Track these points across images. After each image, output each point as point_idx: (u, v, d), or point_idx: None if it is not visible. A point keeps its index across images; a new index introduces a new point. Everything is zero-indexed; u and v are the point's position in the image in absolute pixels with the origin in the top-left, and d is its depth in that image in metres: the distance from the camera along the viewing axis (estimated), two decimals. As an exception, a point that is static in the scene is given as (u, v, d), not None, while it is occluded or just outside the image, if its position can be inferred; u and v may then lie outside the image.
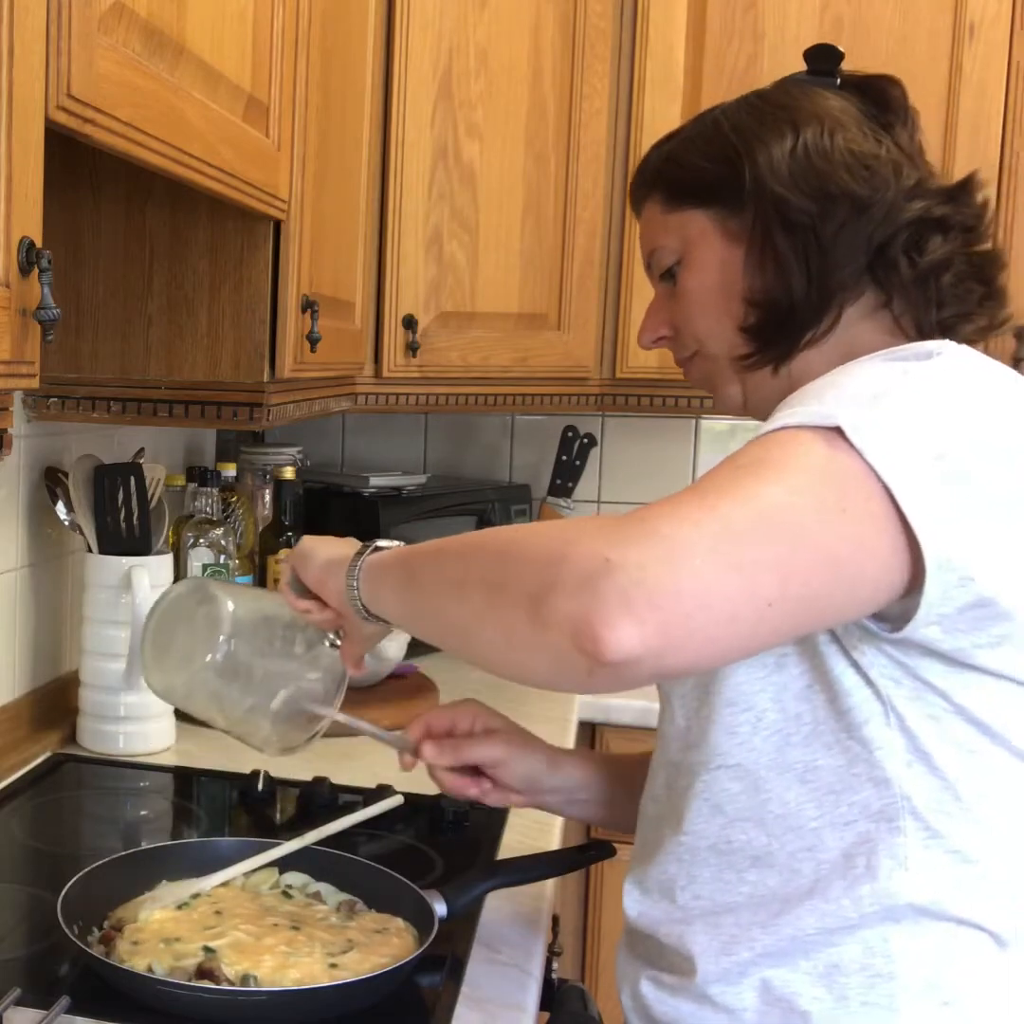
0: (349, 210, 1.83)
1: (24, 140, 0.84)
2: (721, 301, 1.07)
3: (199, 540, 1.90)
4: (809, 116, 1.05)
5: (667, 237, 1.11)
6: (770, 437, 0.85)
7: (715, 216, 1.08)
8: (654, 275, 1.15)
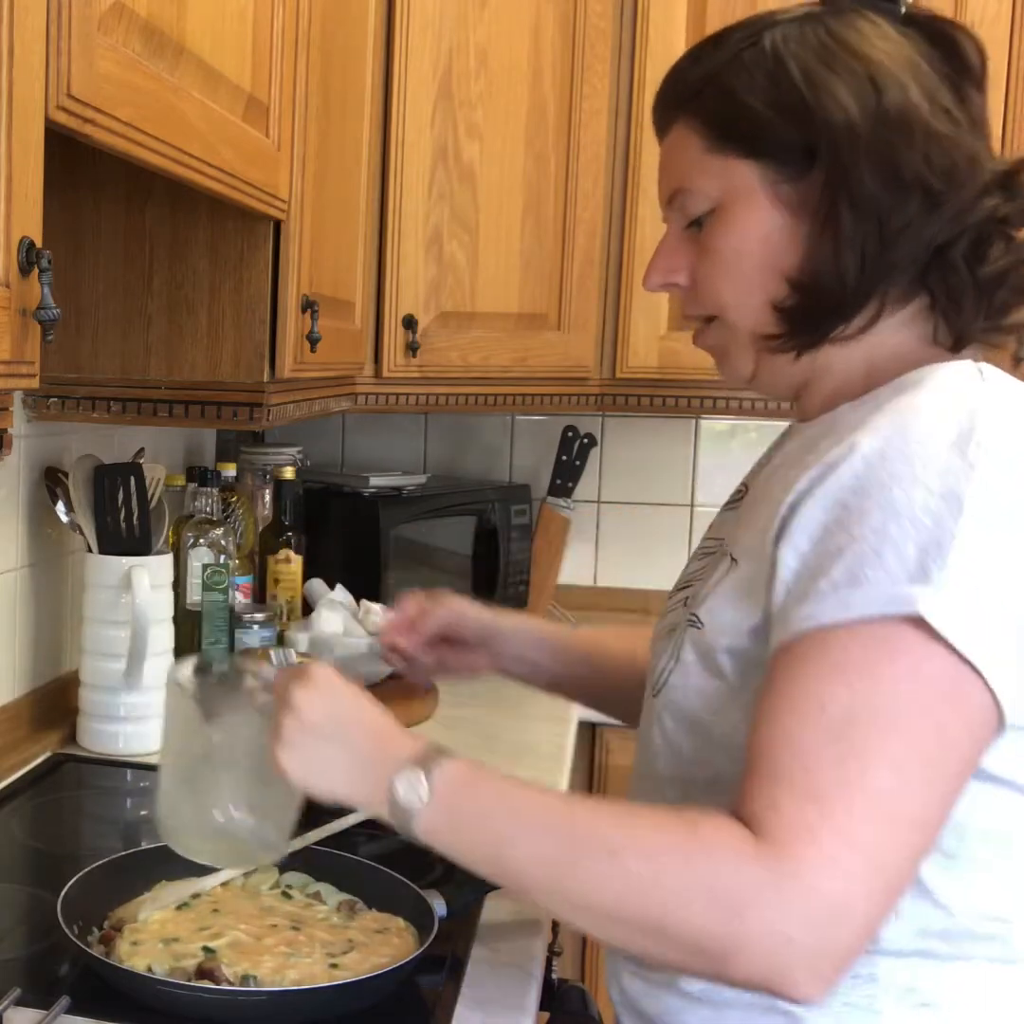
0: (349, 210, 1.83)
1: (24, 140, 0.84)
2: (757, 272, 0.97)
3: (199, 540, 1.90)
4: (887, 75, 0.93)
5: (703, 179, 0.98)
6: (841, 644, 0.83)
7: (768, 175, 0.95)
8: (673, 213, 1.03)
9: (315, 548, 2.23)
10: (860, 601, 0.82)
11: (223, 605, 1.90)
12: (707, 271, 1.00)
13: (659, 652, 1.04)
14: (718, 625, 0.95)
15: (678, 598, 1.09)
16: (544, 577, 2.59)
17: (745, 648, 0.93)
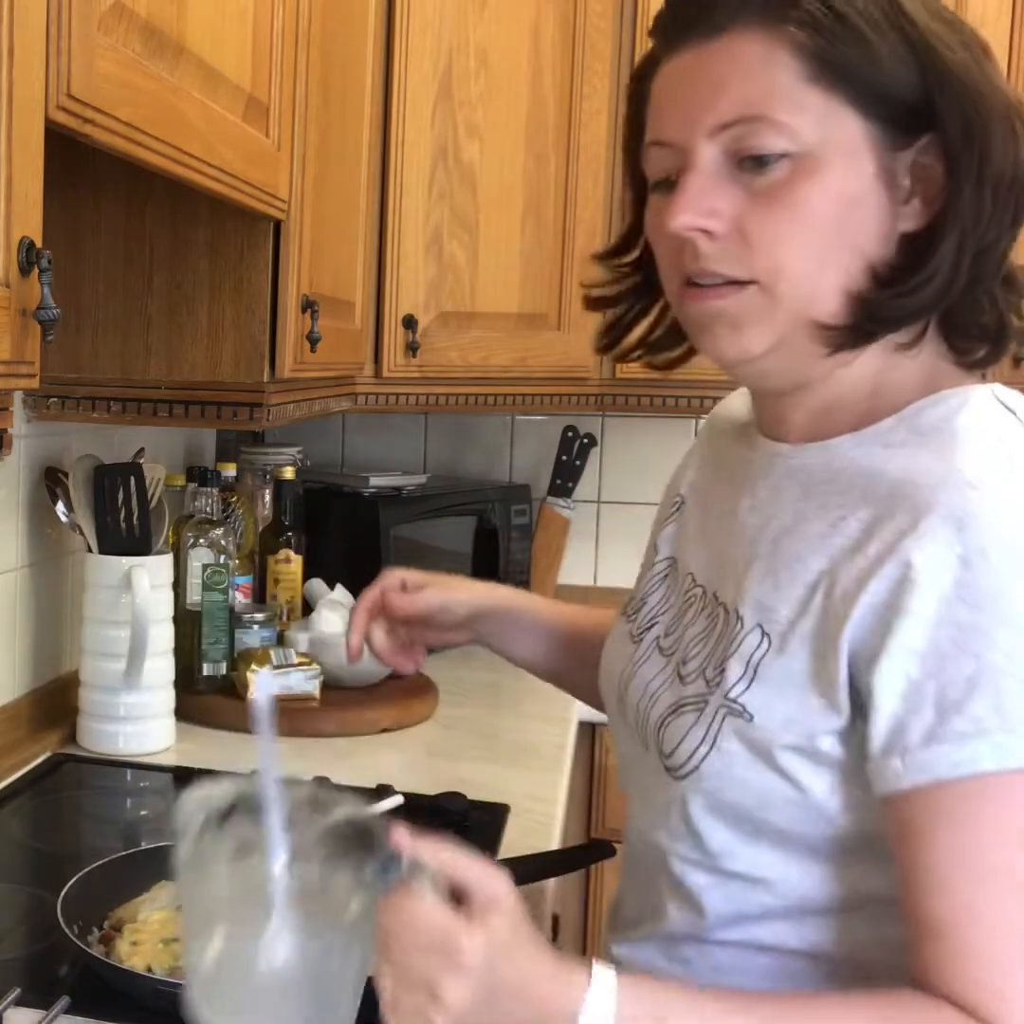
0: (349, 210, 1.83)
1: (24, 140, 0.84)
2: (839, 247, 0.82)
3: (199, 540, 1.90)
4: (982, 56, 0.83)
5: (798, 116, 0.80)
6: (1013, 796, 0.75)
7: (874, 133, 0.81)
8: (718, 144, 0.83)
9: (315, 548, 2.23)
10: (1009, 750, 0.74)
11: (223, 605, 1.90)
12: (774, 226, 0.82)
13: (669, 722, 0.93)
14: (776, 721, 0.85)
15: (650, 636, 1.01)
16: (544, 577, 2.59)
17: (819, 751, 0.83)
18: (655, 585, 1.04)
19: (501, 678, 1.37)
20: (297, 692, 1.89)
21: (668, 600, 1.02)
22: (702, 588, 0.96)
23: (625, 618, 1.06)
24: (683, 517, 1.04)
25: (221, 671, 1.92)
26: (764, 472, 0.93)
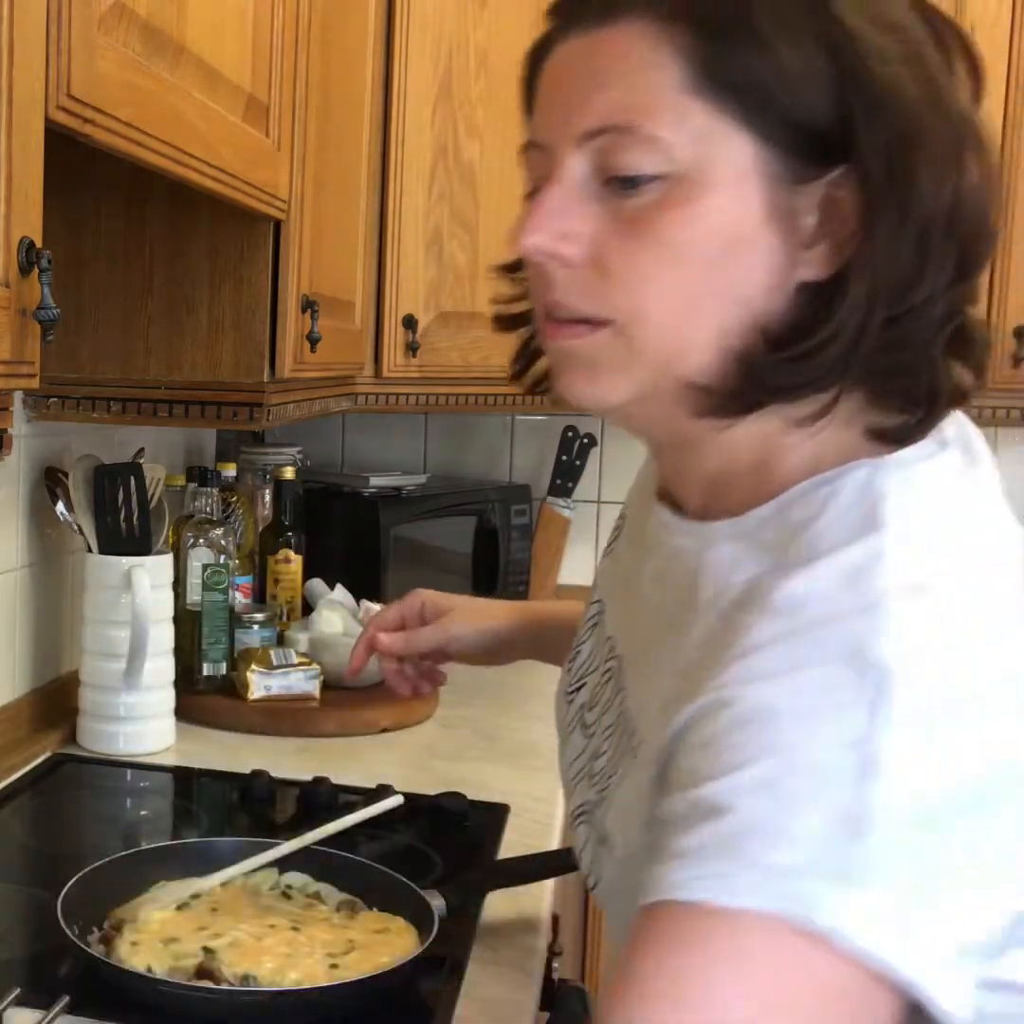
0: (349, 210, 1.83)
1: (24, 140, 0.84)
2: (713, 292, 0.67)
3: (199, 540, 1.90)
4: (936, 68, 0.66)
5: (673, 128, 0.65)
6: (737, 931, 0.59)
7: (767, 162, 0.65)
8: (583, 153, 0.68)
9: (315, 548, 2.23)
10: (747, 887, 0.59)
11: (223, 605, 1.90)
12: (636, 259, 0.67)
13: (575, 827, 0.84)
14: (632, 847, 0.73)
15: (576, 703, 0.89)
16: (544, 577, 2.59)
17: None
18: (587, 633, 0.92)
19: (501, 678, 1.37)
20: (297, 692, 1.89)
21: (593, 660, 0.89)
22: (617, 662, 0.84)
23: (567, 670, 0.93)
24: (618, 548, 0.91)
25: (221, 671, 1.92)
26: (656, 543, 0.80)
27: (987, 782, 0.60)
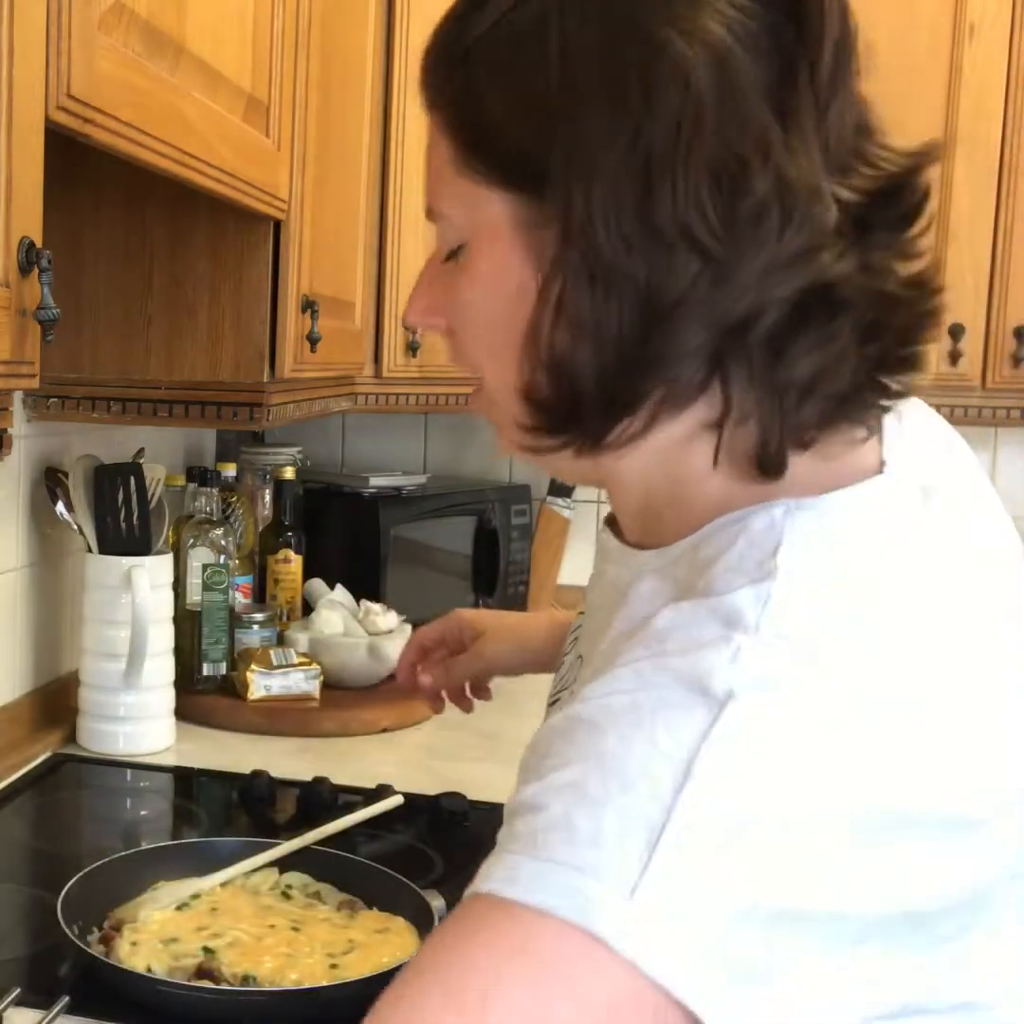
0: (349, 210, 1.83)
1: (24, 140, 0.84)
2: (507, 342, 0.69)
3: (199, 540, 1.90)
4: (672, 69, 0.61)
5: (450, 204, 0.71)
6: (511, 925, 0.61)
7: (517, 212, 0.66)
8: (436, 236, 0.74)
9: (315, 548, 2.23)
10: (530, 879, 0.61)
11: (223, 605, 1.90)
12: (459, 323, 0.73)
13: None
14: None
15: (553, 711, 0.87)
16: (544, 577, 2.59)
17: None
18: (570, 645, 0.90)
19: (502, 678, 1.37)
20: (297, 692, 1.89)
21: (571, 673, 0.86)
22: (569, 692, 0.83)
23: (556, 673, 0.92)
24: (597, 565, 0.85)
25: (221, 671, 1.92)
26: (599, 570, 0.81)
27: (800, 814, 0.57)
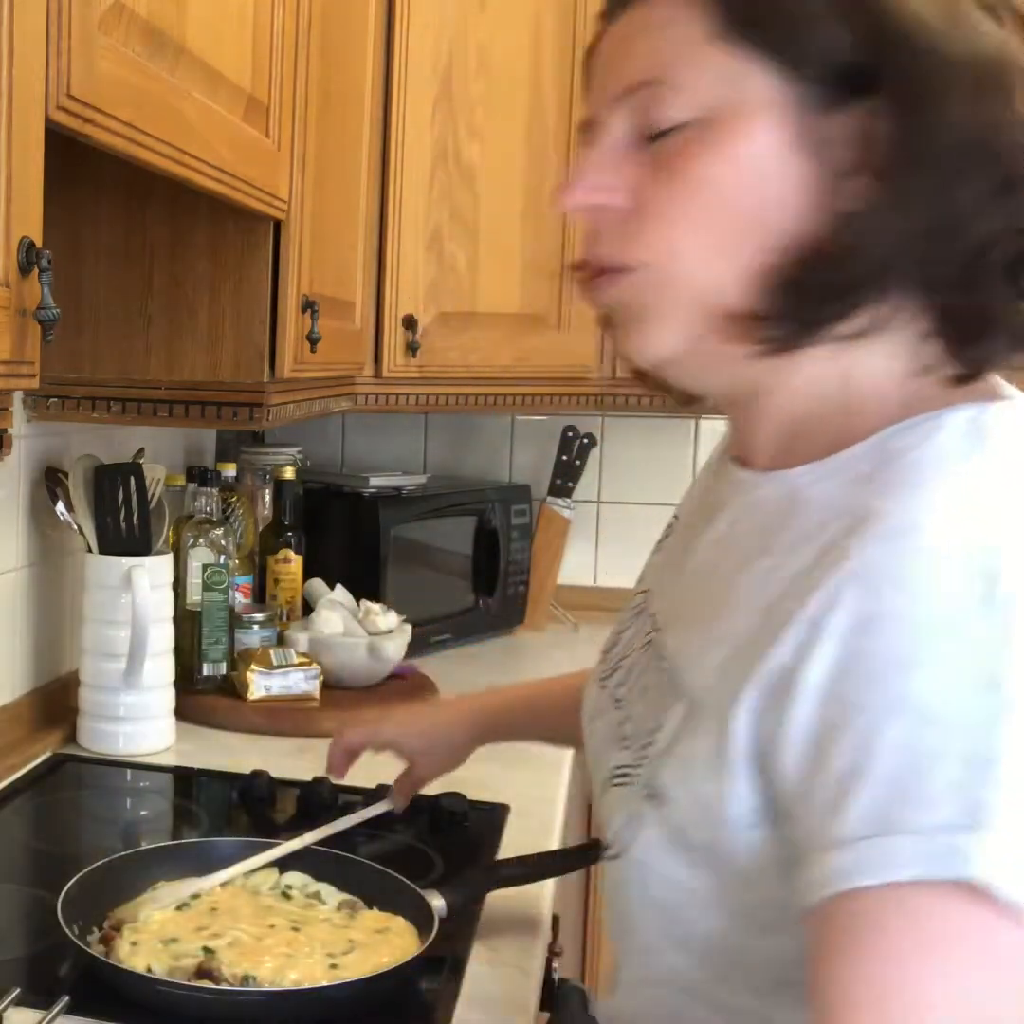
0: (349, 210, 1.83)
1: (24, 140, 0.84)
2: (738, 225, 0.70)
3: (199, 540, 1.90)
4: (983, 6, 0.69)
5: (696, 75, 0.70)
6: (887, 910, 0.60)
7: (794, 92, 0.68)
8: (619, 115, 0.74)
9: (315, 548, 2.23)
10: (890, 859, 0.60)
11: (223, 605, 1.90)
12: (668, 201, 0.71)
13: (604, 792, 0.82)
14: (688, 808, 0.72)
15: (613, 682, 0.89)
16: (544, 577, 2.59)
17: (739, 837, 0.70)
18: (629, 621, 0.93)
19: (501, 678, 1.37)
20: (297, 692, 1.89)
21: (633, 643, 0.89)
22: (657, 633, 0.85)
23: (602, 659, 0.94)
24: (667, 544, 0.94)
25: (221, 671, 1.92)
26: (725, 503, 0.82)
27: None
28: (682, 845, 0.73)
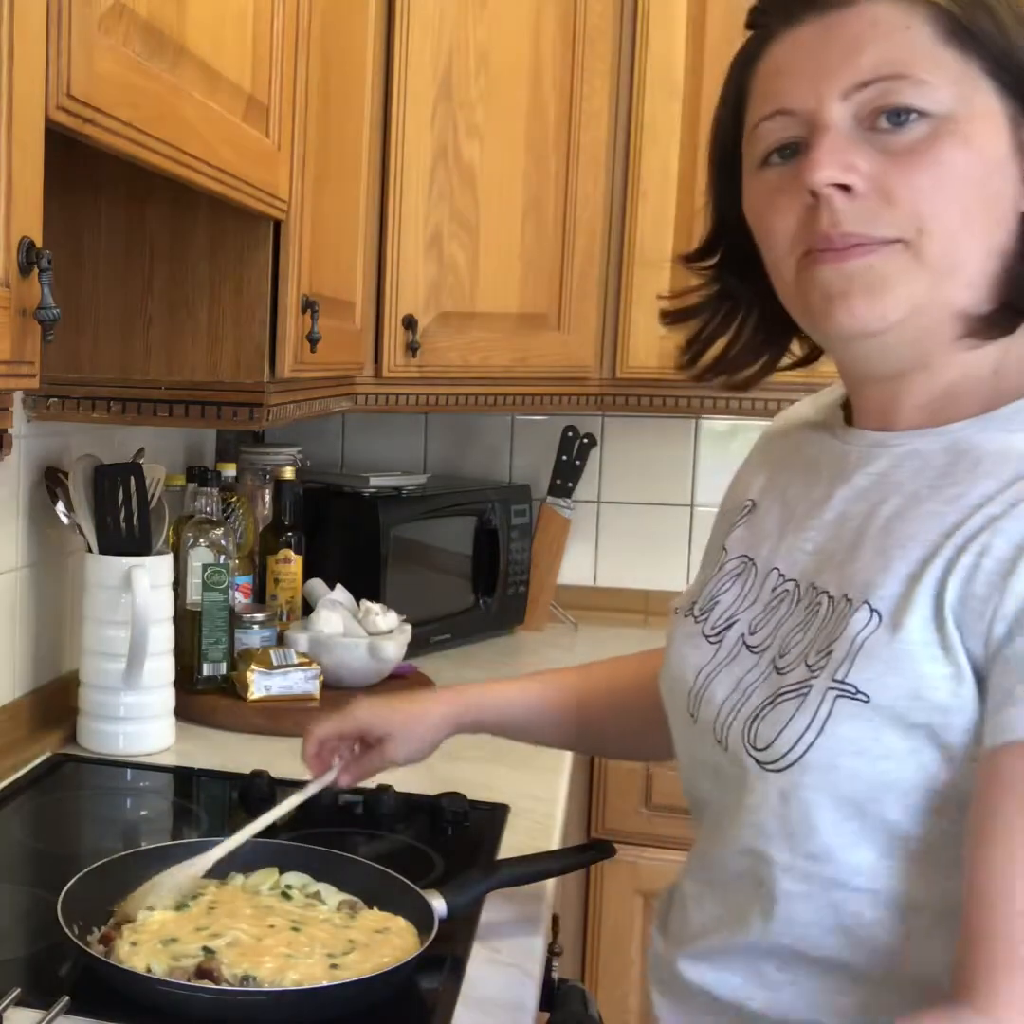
0: (349, 210, 1.83)
1: (24, 140, 0.84)
2: (981, 210, 0.82)
3: (199, 540, 1.90)
4: None
5: (938, 75, 0.81)
6: None
7: (1009, 108, 0.82)
8: (852, 104, 0.83)
9: (315, 548, 2.23)
10: None
11: (223, 605, 1.90)
12: (918, 182, 0.81)
13: (764, 715, 0.89)
14: (894, 698, 0.81)
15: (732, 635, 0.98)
16: (544, 577, 2.59)
17: (944, 729, 0.80)
18: (727, 584, 1.01)
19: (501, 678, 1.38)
20: (297, 692, 1.89)
21: (747, 598, 0.99)
22: (794, 582, 0.94)
23: (692, 620, 1.03)
24: (756, 518, 1.03)
25: (221, 671, 1.92)
26: (864, 461, 0.92)
27: None
28: (877, 735, 0.81)
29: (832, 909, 0.85)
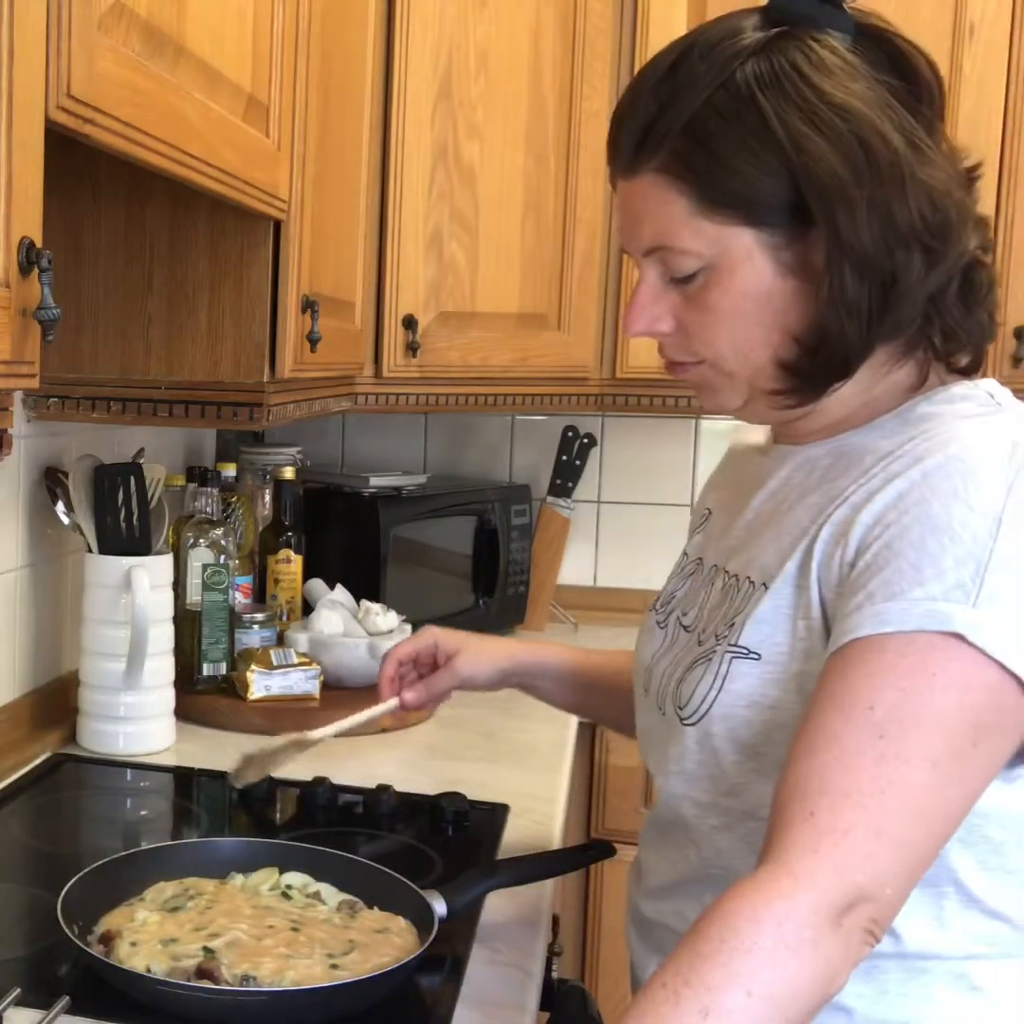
0: (349, 210, 1.83)
1: (24, 140, 0.84)
2: (760, 330, 0.97)
3: (199, 540, 1.90)
4: (870, 128, 0.92)
5: (693, 242, 0.96)
6: (889, 651, 0.86)
7: (765, 240, 0.95)
8: (651, 264, 1.00)
9: (315, 548, 2.23)
10: (897, 616, 0.86)
11: (223, 605, 1.90)
12: (703, 325, 0.99)
13: (684, 678, 1.05)
14: (780, 653, 0.97)
15: (672, 620, 1.14)
16: (544, 577, 2.59)
17: (811, 671, 0.94)
18: (681, 581, 1.17)
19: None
20: (297, 692, 1.89)
21: (688, 594, 1.14)
22: (715, 568, 1.10)
23: (654, 612, 1.19)
24: (709, 525, 1.18)
25: (221, 671, 1.92)
26: (777, 468, 1.07)
27: None
28: (771, 687, 0.96)
29: (749, 837, 0.97)
